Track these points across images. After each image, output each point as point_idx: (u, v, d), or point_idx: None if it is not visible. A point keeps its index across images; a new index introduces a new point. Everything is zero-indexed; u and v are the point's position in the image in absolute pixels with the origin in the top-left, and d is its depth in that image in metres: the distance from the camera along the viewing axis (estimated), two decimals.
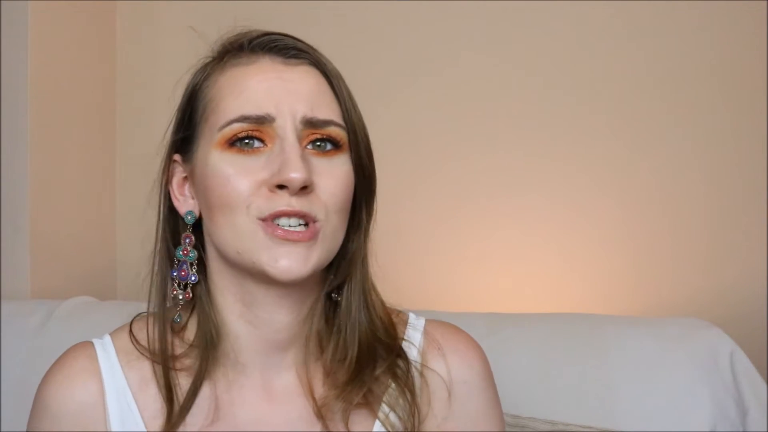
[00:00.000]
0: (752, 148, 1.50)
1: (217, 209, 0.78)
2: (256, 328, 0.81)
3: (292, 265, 0.75)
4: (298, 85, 0.79)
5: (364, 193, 0.84)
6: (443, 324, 0.90)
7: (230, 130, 0.78)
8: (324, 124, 0.79)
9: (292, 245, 0.75)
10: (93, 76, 1.67)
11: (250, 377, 0.82)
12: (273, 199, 0.76)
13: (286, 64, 0.80)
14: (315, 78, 0.81)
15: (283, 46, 0.81)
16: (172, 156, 0.84)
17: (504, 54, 1.59)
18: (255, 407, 0.81)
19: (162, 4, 1.72)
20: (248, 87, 0.79)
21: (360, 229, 0.84)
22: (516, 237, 1.57)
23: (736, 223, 1.51)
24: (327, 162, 0.79)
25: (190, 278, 0.82)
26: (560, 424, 1.14)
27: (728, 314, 1.43)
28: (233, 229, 0.77)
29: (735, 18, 1.50)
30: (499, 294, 1.55)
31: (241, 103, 0.78)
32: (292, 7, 1.62)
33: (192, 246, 0.82)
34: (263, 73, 0.79)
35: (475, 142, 1.60)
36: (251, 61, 0.81)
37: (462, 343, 0.89)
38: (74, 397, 0.80)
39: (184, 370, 0.81)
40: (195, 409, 0.80)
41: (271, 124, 0.77)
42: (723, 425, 1.14)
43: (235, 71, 0.80)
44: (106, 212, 1.71)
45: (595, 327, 1.26)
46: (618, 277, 1.54)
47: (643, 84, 1.54)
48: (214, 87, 0.81)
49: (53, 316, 1.33)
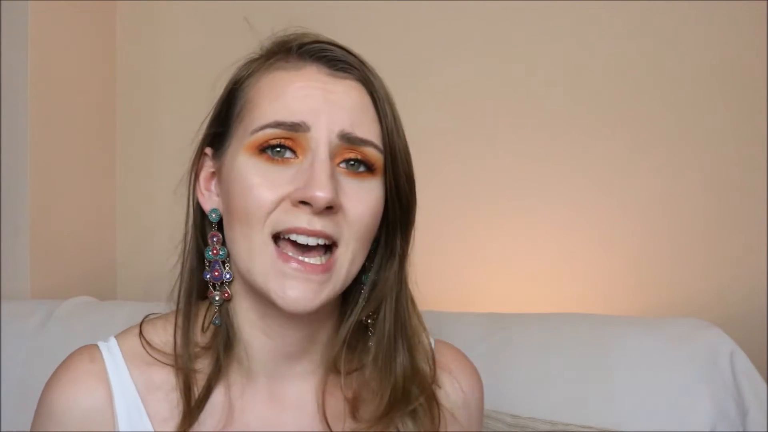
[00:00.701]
0: (752, 148, 1.50)
1: (235, 217, 0.76)
2: (269, 339, 0.80)
3: (301, 297, 0.73)
4: (340, 98, 0.76)
5: (399, 221, 0.81)
6: (450, 347, 0.90)
7: (262, 135, 0.75)
8: (361, 142, 0.76)
9: (304, 278, 0.73)
10: (93, 76, 1.67)
11: (260, 384, 0.81)
12: (294, 213, 0.73)
13: (332, 76, 0.77)
14: (359, 94, 0.77)
15: (332, 56, 0.78)
16: (203, 148, 0.82)
17: (505, 55, 1.59)
18: (265, 414, 0.80)
19: (162, 4, 1.72)
20: (287, 93, 0.76)
21: (393, 258, 0.82)
22: (516, 237, 1.57)
23: (736, 223, 1.51)
24: (357, 184, 0.76)
25: (225, 276, 0.79)
26: (560, 424, 1.14)
27: (728, 314, 1.43)
28: (248, 243, 0.75)
29: (735, 18, 1.50)
30: (499, 294, 1.55)
31: (278, 109, 0.75)
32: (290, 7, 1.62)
33: (221, 244, 0.80)
34: (306, 81, 0.76)
35: (475, 143, 1.60)
36: (297, 67, 0.77)
37: (468, 368, 0.89)
38: (80, 403, 0.77)
39: (198, 371, 0.79)
40: (208, 412, 0.78)
41: (305, 134, 0.74)
42: (723, 425, 1.14)
43: (279, 75, 0.77)
44: (106, 212, 1.71)
45: (595, 327, 1.26)
46: (618, 277, 1.54)
47: (643, 84, 1.54)
48: (255, 87, 0.78)
49: (53, 316, 1.33)
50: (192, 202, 0.82)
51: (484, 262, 1.58)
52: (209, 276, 0.80)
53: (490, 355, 1.22)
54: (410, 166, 0.81)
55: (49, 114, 1.52)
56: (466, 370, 0.89)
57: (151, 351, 0.80)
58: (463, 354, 0.91)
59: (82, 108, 1.63)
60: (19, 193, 1.46)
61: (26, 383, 1.25)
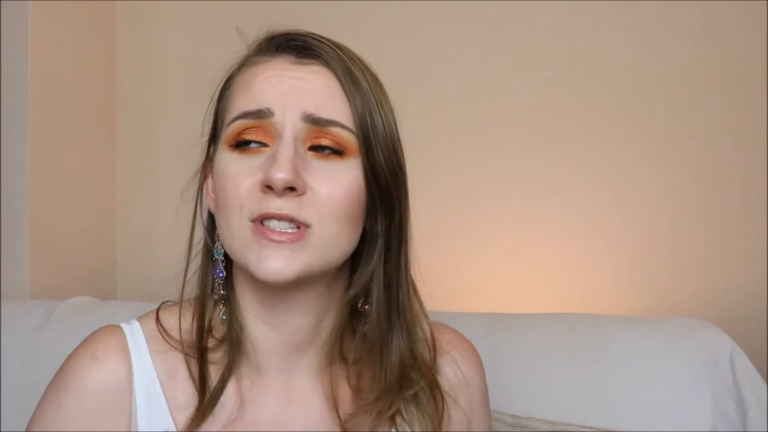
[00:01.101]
0: (752, 147, 1.50)
1: (220, 209, 0.78)
2: (273, 330, 0.81)
3: (277, 266, 0.74)
4: (306, 84, 0.77)
5: (380, 203, 0.80)
6: (445, 327, 0.91)
7: (234, 127, 0.77)
8: (327, 123, 0.76)
9: (277, 247, 0.74)
10: (93, 76, 1.67)
11: (269, 378, 0.82)
12: (263, 199, 0.75)
13: (298, 63, 0.79)
14: (324, 78, 0.78)
15: (298, 45, 0.79)
16: (208, 154, 0.85)
17: (506, 54, 1.59)
18: (275, 407, 0.81)
19: (162, 4, 1.72)
20: (254, 84, 0.78)
21: (376, 243, 0.81)
22: (516, 237, 1.57)
23: (736, 223, 1.51)
24: (328, 165, 0.76)
25: (218, 275, 0.82)
26: (560, 424, 1.14)
27: (728, 314, 1.43)
28: (229, 230, 0.77)
29: (735, 18, 1.50)
30: (500, 294, 1.55)
31: (246, 100, 0.78)
32: (289, 8, 1.62)
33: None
34: (273, 70, 0.78)
35: (475, 143, 1.60)
36: (265, 60, 0.80)
37: (467, 348, 0.91)
38: (103, 379, 0.78)
39: (212, 363, 0.81)
40: (220, 405, 0.79)
41: (270, 119, 0.76)
42: (723, 425, 1.14)
43: (251, 70, 0.80)
44: (106, 212, 1.71)
45: (595, 327, 1.26)
46: (618, 277, 1.54)
47: (644, 84, 1.54)
48: (233, 86, 0.81)
49: (53, 316, 1.33)
50: (200, 204, 0.84)
51: (484, 261, 1.58)
52: (215, 272, 0.82)
53: (490, 355, 1.21)
54: (393, 148, 0.81)
55: (49, 114, 1.52)
56: (464, 352, 0.90)
57: (169, 339, 0.81)
58: (461, 335, 0.92)
59: (82, 108, 1.63)
60: (19, 193, 1.47)
61: (26, 383, 1.24)
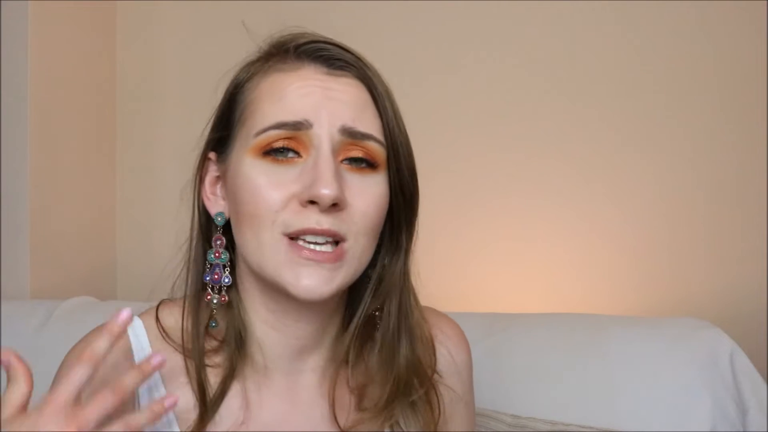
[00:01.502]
0: (752, 147, 1.50)
1: (244, 219, 0.77)
2: (279, 333, 0.81)
3: (315, 285, 0.74)
4: (339, 95, 0.77)
5: (404, 214, 0.82)
6: (433, 312, 0.92)
7: (266, 137, 0.76)
8: (363, 137, 0.77)
9: (316, 266, 0.74)
10: (93, 76, 1.67)
11: (274, 380, 0.82)
12: (303, 214, 0.74)
13: (330, 74, 0.78)
14: (358, 90, 0.79)
15: (330, 55, 0.79)
16: (207, 153, 0.83)
17: (506, 54, 1.59)
18: (280, 409, 0.81)
19: (162, 4, 1.72)
20: (287, 93, 0.77)
21: (399, 251, 0.83)
22: (516, 237, 1.57)
23: (736, 223, 1.51)
24: (361, 179, 0.77)
25: (224, 280, 0.81)
26: (560, 424, 1.15)
27: (728, 314, 1.43)
28: (258, 243, 0.76)
29: (735, 18, 1.50)
30: (499, 294, 1.55)
31: (279, 110, 0.76)
32: (290, 7, 1.62)
33: (224, 247, 0.81)
34: (304, 80, 0.77)
35: (475, 143, 1.60)
36: (295, 67, 0.78)
37: (453, 331, 0.91)
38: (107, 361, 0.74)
39: (214, 367, 0.80)
40: (225, 408, 0.79)
41: (308, 132, 0.75)
42: (723, 425, 1.14)
43: (278, 77, 0.78)
44: (106, 212, 1.71)
45: (595, 327, 1.26)
46: (618, 277, 1.54)
47: (643, 84, 1.54)
48: (255, 90, 0.79)
49: (53, 316, 1.33)
50: (197, 207, 0.83)
51: (484, 261, 1.58)
52: (209, 278, 0.81)
53: (490, 355, 1.22)
54: (412, 160, 0.83)
55: (49, 114, 1.51)
56: (454, 336, 0.91)
57: (170, 340, 0.81)
58: (448, 317, 0.93)
59: (82, 108, 1.63)
60: (19, 193, 1.46)
61: None
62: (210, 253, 0.81)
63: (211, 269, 0.81)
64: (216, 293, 0.81)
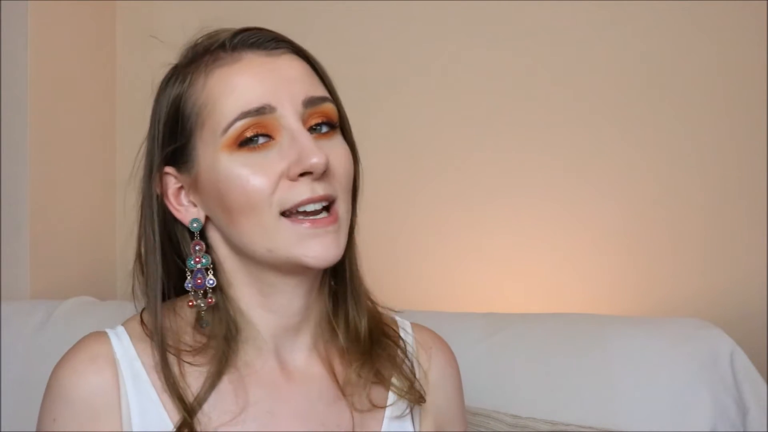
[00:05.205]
0: (752, 147, 1.50)
1: (238, 211, 0.79)
2: (273, 314, 0.84)
3: (326, 251, 0.78)
4: (287, 72, 0.81)
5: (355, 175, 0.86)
6: (425, 327, 0.96)
7: (234, 130, 0.78)
8: (322, 101, 0.81)
9: (323, 233, 0.78)
10: (93, 76, 1.67)
11: (267, 360, 0.84)
12: (296, 187, 0.77)
13: (270, 56, 0.81)
14: (300, 63, 0.82)
15: (262, 39, 0.82)
16: (161, 170, 0.84)
17: (504, 53, 1.59)
18: (276, 388, 0.83)
19: (162, 4, 1.72)
20: (239, 84, 0.79)
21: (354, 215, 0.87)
22: (516, 237, 1.57)
23: (736, 222, 1.51)
24: (330, 142, 0.81)
25: (208, 282, 0.82)
26: (560, 424, 1.15)
27: (728, 314, 1.43)
28: (261, 228, 0.78)
29: (735, 18, 1.50)
30: (499, 294, 1.55)
31: (236, 101, 0.78)
32: (285, 6, 1.62)
33: (204, 252, 0.83)
34: (250, 68, 0.80)
35: (475, 143, 1.60)
36: (235, 59, 0.81)
37: (444, 345, 0.95)
38: (88, 382, 0.79)
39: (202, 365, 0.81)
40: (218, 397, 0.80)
41: (273, 114, 0.78)
42: (723, 425, 1.14)
43: (222, 71, 0.81)
44: (106, 212, 1.71)
45: (595, 327, 1.26)
46: (618, 277, 1.54)
47: (643, 84, 1.54)
48: (204, 92, 0.81)
49: (53, 317, 1.33)
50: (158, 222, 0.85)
51: (484, 262, 1.58)
52: (191, 285, 0.82)
53: (490, 355, 1.22)
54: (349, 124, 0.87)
55: (49, 114, 1.52)
56: (440, 350, 0.94)
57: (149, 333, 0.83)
58: (436, 334, 0.96)
59: (82, 108, 1.63)
60: (19, 193, 1.46)
61: (26, 383, 1.24)
62: (189, 260, 0.83)
63: (192, 275, 0.82)
64: (201, 297, 0.82)
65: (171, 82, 0.85)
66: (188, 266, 0.83)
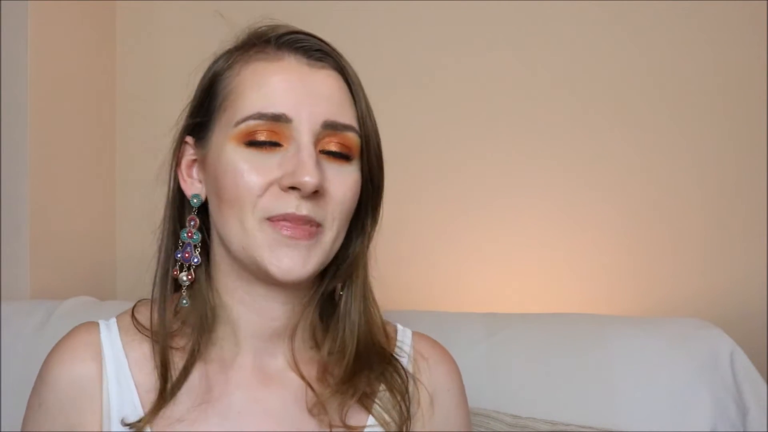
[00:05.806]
0: (752, 147, 1.50)
1: (226, 202, 0.80)
2: (254, 314, 0.84)
3: (293, 266, 0.78)
4: (319, 88, 0.80)
5: (371, 200, 0.86)
6: (426, 337, 0.94)
7: (246, 126, 0.79)
8: (344, 128, 0.81)
9: (295, 245, 0.78)
10: (93, 76, 1.66)
11: (245, 359, 0.84)
12: (283, 198, 0.78)
13: (310, 66, 0.81)
14: (337, 82, 0.82)
15: (309, 46, 0.82)
16: (184, 137, 0.86)
17: (502, 55, 1.59)
18: (250, 389, 0.83)
19: (162, 4, 1.72)
20: (269, 84, 0.80)
21: (364, 235, 0.87)
22: (516, 238, 1.57)
23: (736, 223, 1.51)
24: (338, 169, 0.81)
25: (193, 260, 0.84)
26: (560, 424, 1.15)
27: (728, 314, 1.43)
28: (240, 225, 0.79)
29: (735, 18, 1.50)
30: (499, 294, 1.55)
31: (261, 98, 0.79)
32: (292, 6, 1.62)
33: (197, 228, 0.84)
34: (286, 72, 0.80)
35: (475, 145, 1.60)
36: (276, 57, 0.81)
37: (446, 356, 0.93)
38: (72, 369, 0.82)
39: (180, 348, 0.83)
40: (187, 388, 0.82)
41: (288, 125, 0.78)
42: (723, 425, 1.14)
43: (259, 66, 0.81)
44: (106, 212, 1.71)
45: (595, 327, 1.26)
46: (618, 277, 1.54)
47: (642, 84, 1.54)
48: (236, 78, 0.82)
49: (53, 316, 1.33)
50: (172, 188, 0.87)
51: (483, 262, 1.58)
52: (180, 256, 0.84)
53: (490, 355, 1.22)
54: (380, 149, 0.86)
55: (49, 114, 1.51)
56: (441, 359, 0.92)
57: (138, 326, 0.85)
58: (440, 344, 0.95)
59: (82, 108, 1.63)
60: (19, 193, 1.46)
61: (26, 383, 1.24)
62: (183, 232, 0.84)
63: (183, 247, 0.84)
64: (185, 271, 0.84)
65: (220, 59, 0.85)
66: (181, 238, 0.84)
